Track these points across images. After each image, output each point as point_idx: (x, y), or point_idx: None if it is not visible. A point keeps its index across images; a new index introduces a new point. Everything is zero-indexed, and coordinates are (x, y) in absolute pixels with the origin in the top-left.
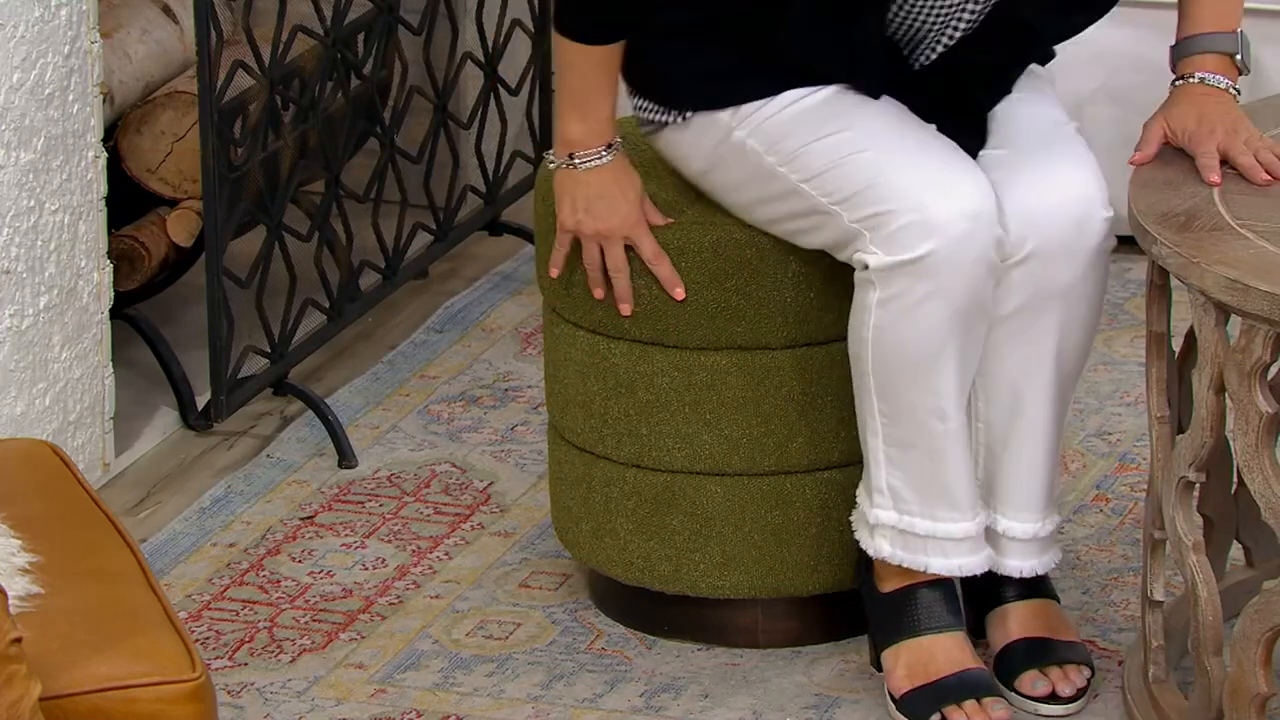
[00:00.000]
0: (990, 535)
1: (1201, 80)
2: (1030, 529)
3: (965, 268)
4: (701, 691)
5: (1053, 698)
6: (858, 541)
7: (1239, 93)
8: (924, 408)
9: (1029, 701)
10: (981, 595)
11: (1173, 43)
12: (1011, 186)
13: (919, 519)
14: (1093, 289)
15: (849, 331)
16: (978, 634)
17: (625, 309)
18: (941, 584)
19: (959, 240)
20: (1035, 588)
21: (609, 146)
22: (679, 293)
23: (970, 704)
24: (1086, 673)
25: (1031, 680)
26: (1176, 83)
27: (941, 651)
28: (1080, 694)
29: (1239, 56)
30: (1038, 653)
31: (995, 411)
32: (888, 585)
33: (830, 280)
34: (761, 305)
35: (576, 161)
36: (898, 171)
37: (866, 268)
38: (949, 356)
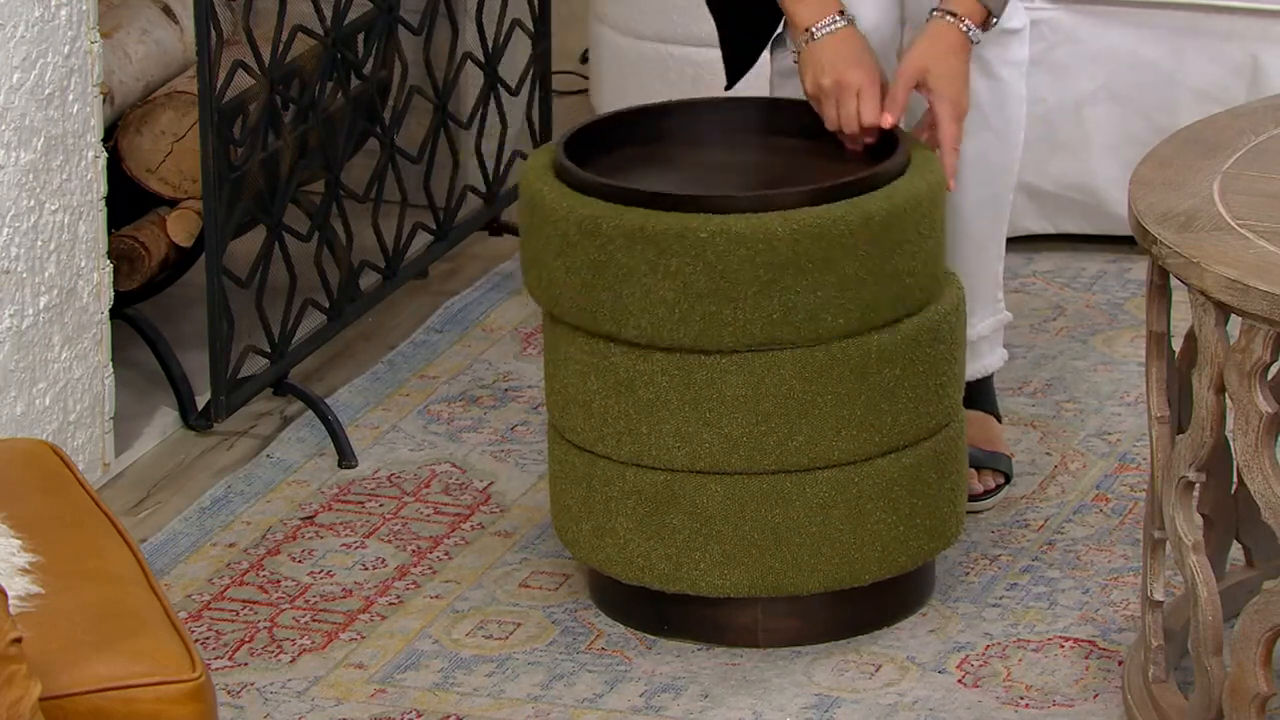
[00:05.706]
0: None
1: (965, 27)
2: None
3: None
4: (701, 691)
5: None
6: None
7: (977, 43)
8: None
9: None
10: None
11: None
12: None
13: None
14: None
15: None
16: None
17: (887, 119)
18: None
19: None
20: (972, 400)
21: (840, 14)
22: (887, 120)
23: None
24: (1001, 479)
25: None
26: (935, 13)
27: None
28: (988, 494)
29: (994, 19)
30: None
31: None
32: None
33: (832, 277)
34: (763, 301)
35: (815, 31)
36: None
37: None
38: None
